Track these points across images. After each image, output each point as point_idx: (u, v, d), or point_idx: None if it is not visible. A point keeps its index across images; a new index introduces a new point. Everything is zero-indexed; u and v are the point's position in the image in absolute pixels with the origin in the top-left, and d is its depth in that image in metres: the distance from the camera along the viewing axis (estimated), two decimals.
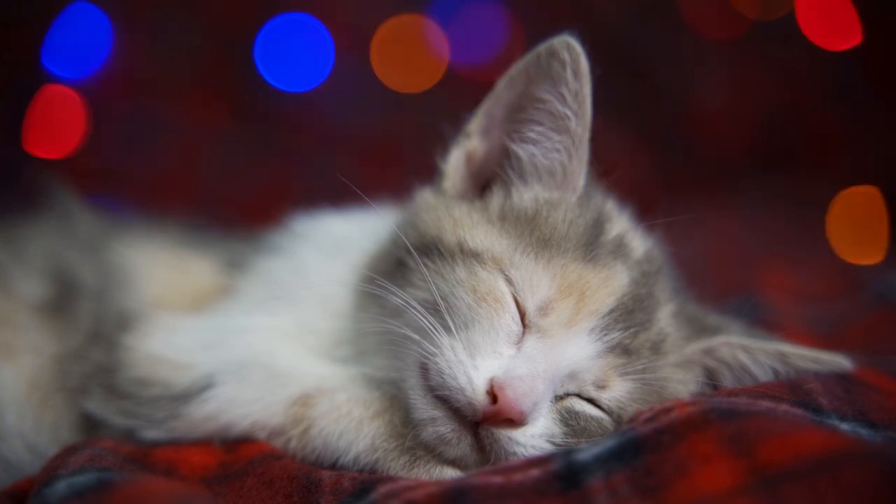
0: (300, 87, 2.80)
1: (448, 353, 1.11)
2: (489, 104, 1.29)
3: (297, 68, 2.79)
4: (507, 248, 1.18)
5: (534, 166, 1.25)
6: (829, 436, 0.91)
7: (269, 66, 2.76)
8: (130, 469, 1.14)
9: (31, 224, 1.54)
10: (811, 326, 1.73)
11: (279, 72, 2.77)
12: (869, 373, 1.25)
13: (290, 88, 2.79)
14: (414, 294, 1.18)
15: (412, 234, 1.24)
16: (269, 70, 2.77)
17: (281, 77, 2.78)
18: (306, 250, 1.42)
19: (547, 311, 1.13)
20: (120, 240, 1.52)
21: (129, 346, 1.32)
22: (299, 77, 2.79)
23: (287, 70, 2.78)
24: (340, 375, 1.26)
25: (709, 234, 2.34)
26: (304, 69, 2.79)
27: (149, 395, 1.26)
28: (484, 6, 2.92)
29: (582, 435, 1.12)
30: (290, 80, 2.78)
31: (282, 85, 2.78)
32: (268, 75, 2.76)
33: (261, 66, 2.76)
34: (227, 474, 1.16)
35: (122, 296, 1.43)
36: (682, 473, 0.91)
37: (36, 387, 1.35)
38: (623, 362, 1.15)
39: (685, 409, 0.99)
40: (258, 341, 1.29)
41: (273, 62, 2.77)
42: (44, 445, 1.31)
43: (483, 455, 1.10)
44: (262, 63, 2.76)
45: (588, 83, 1.20)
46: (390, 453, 1.15)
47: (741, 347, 1.22)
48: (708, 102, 3.01)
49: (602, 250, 1.19)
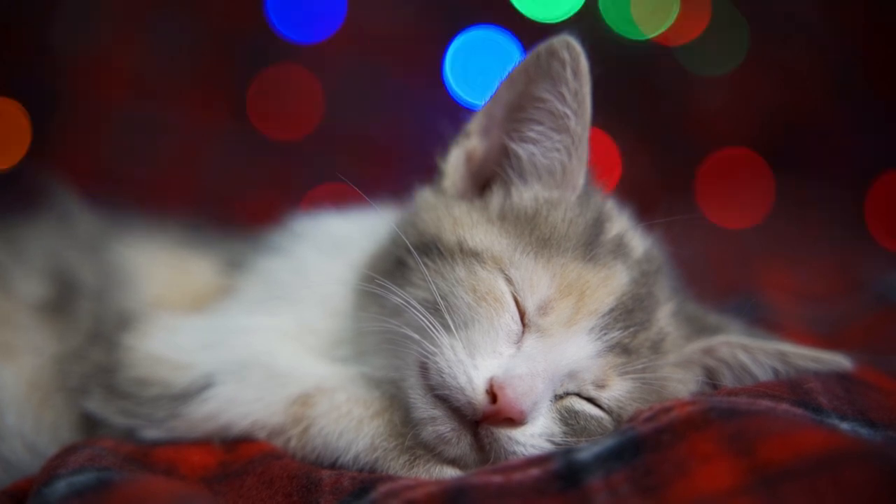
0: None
1: (448, 352, 1.11)
2: (489, 103, 1.29)
3: None
4: (506, 248, 1.18)
5: (533, 165, 1.25)
6: (828, 435, 0.91)
7: None
8: (130, 469, 1.13)
9: (30, 224, 1.54)
10: (811, 326, 1.73)
11: None
12: (869, 372, 1.25)
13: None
14: (414, 293, 1.18)
15: (412, 233, 1.24)
16: None
17: None
18: (306, 250, 1.42)
19: (546, 310, 1.13)
20: (120, 240, 1.52)
21: (128, 345, 1.32)
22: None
23: None
24: (340, 375, 1.26)
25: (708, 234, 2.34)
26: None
27: (149, 394, 1.26)
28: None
29: (582, 434, 1.12)
30: None
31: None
32: None
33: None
34: (227, 474, 1.16)
35: (122, 296, 1.43)
36: (681, 473, 0.91)
37: (36, 387, 1.35)
38: (623, 361, 1.15)
39: (685, 409, 0.99)
40: (258, 341, 1.29)
41: None
42: (43, 445, 1.31)
43: (483, 454, 1.10)
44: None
45: (588, 82, 1.20)
46: (390, 452, 1.15)
47: (741, 347, 1.22)
48: (708, 102, 3.01)
49: (602, 250, 1.19)
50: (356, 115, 2.82)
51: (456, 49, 2.68)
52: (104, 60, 2.66)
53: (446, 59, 2.68)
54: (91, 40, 2.65)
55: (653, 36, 2.84)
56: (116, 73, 2.67)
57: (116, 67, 2.67)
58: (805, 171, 2.87)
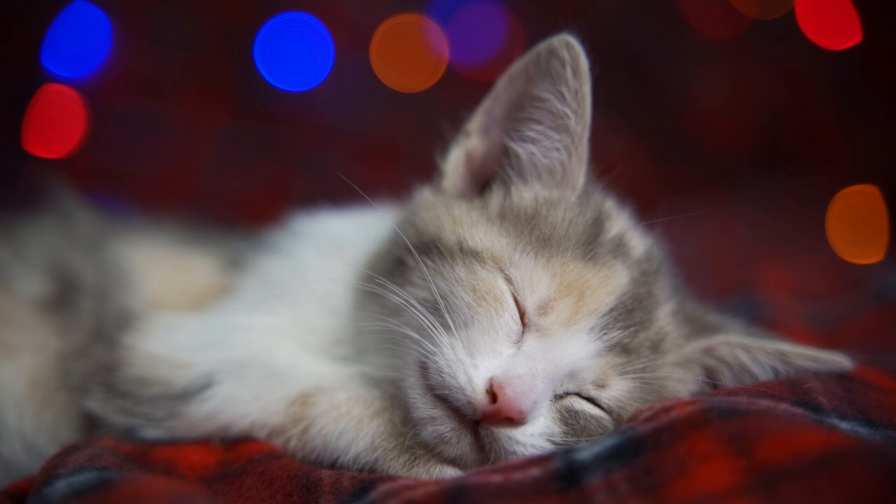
0: (300, 87, 2.80)
1: (447, 351, 1.11)
2: (489, 103, 1.29)
3: (297, 68, 2.79)
4: (506, 247, 1.18)
5: (533, 165, 1.25)
6: (828, 435, 0.91)
7: (268, 66, 2.76)
8: (130, 468, 1.13)
9: (31, 222, 1.54)
10: (811, 325, 1.73)
11: (279, 71, 2.77)
12: (869, 371, 1.25)
13: (290, 88, 2.79)
14: (413, 293, 1.18)
15: (412, 232, 1.24)
16: (269, 70, 2.76)
17: (281, 76, 2.78)
18: (306, 249, 1.42)
19: (546, 310, 1.13)
20: (120, 239, 1.52)
21: (128, 344, 1.32)
22: (299, 76, 2.79)
23: (287, 69, 2.78)
24: (340, 374, 1.26)
25: (708, 233, 2.34)
26: (303, 68, 2.79)
27: (148, 394, 1.26)
28: (483, 5, 2.93)
29: (581, 434, 1.12)
30: (289, 79, 2.78)
31: (282, 84, 2.78)
32: (267, 75, 2.76)
33: (260, 66, 2.76)
34: (227, 473, 1.16)
35: (121, 294, 1.43)
36: (681, 472, 0.91)
37: (36, 385, 1.35)
38: (622, 361, 1.15)
39: (685, 408, 0.99)
40: (258, 340, 1.29)
41: (273, 62, 2.77)
42: (43, 444, 1.31)
43: (483, 454, 1.10)
44: (261, 63, 2.76)
45: (587, 82, 1.20)
46: (390, 452, 1.15)
47: (741, 346, 1.22)
48: (708, 101, 3.01)
49: (602, 249, 1.19)
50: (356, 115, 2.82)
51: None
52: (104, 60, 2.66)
53: None
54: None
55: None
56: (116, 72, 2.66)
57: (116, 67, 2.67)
58: (804, 170, 2.87)
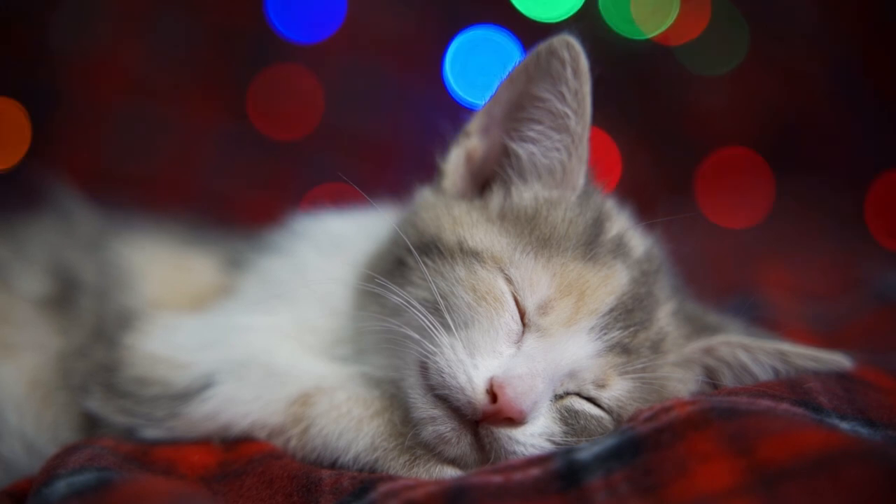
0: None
1: (448, 351, 1.11)
2: (489, 103, 1.29)
3: None
4: (506, 247, 1.18)
5: (533, 165, 1.25)
6: (828, 435, 0.91)
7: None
8: (130, 468, 1.13)
9: (31, 221, 1.55)
10: (811, 325, 1.73)
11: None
12: (869, 371, 1.25)
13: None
14: (414, 293, 1.18)
15: (412, 232, 1.24)
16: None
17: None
18: (306, 249, 1.42)
19: (546, 310, 1.13)
20: (120, 238, 1.52)
21: (128, 344, 1.32)
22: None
23: None
24: (340, 374, 1.26)
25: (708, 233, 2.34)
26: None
27: (148, 394, 1.26)
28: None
29: (582, 434, 1.12)
30: None
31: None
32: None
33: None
34: (227, 473, 1.16)
35: (122, 294, 1.43)
36: (681, 472, 0.91)
37: (37, 385, 1.35)
38: (623, 361, 1.15)
39: (685, 408, 0.99)
40: (257, 340, 1.29)
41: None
42: (43, 444, 1.31)
43: (483, 454, 1.10)
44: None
45: (588, 82, 1.20)
46: (390, 452, 1.15)
47: (741, 346, 1.22)
48: (708, 102, 3.01)
49: (602, 249, 1.19)
50: (356, 115, 2.82)
51: (456, 49, 2.68)
52: (104, 60, 2.66)
53: (446, 58, 2.69)
54: (91, 40, 2.65)
55: (653, 35, 2.84)
56: (116, 72, 2.66)
57: (116, 67, 2.67)
58: (805, 171, 2.87)
